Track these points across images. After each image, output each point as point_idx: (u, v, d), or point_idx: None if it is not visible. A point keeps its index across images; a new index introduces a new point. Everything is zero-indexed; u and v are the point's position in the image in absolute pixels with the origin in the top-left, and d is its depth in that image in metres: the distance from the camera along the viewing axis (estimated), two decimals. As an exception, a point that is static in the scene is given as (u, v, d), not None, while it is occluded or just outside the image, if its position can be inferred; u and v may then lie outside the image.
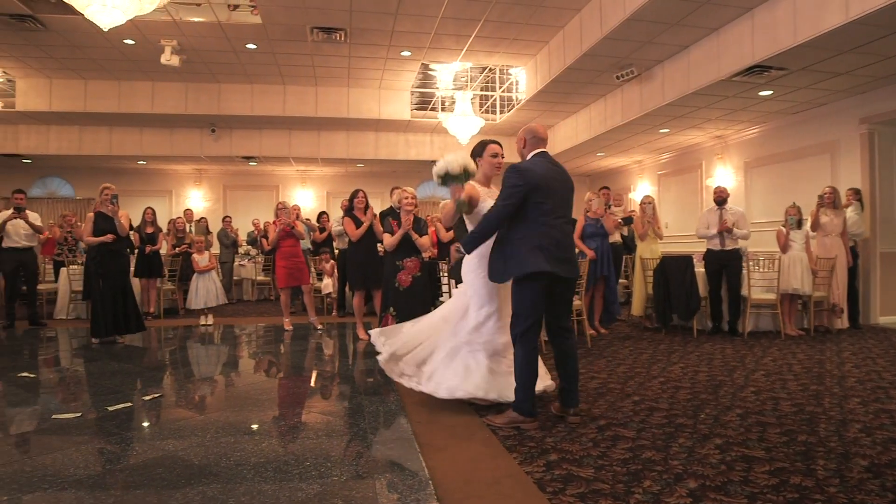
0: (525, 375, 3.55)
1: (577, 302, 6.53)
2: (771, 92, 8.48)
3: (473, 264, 3.94)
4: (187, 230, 10.18)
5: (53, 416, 3.87)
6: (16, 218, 7.89)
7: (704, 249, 7.61)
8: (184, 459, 3.04)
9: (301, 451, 3.16)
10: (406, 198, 5.67)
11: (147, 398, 4.35)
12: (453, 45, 10.01)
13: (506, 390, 3.82)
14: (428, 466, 2.90)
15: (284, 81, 11.97)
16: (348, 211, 6.94)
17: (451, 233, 6.25)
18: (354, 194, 6.93)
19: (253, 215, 14.14)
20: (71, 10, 7.03)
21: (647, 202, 7.87)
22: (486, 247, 3.77)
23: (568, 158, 14.36)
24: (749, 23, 7.31)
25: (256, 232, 12.68)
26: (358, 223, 6.71)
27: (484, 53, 10.44)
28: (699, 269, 7.35)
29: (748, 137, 11.14)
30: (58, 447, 3.30)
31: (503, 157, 4.18)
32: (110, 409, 4.03)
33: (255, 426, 3.69)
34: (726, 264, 7.17)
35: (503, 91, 12.77)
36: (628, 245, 9.37)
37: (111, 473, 2.89)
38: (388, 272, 5.75)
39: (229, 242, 11.50)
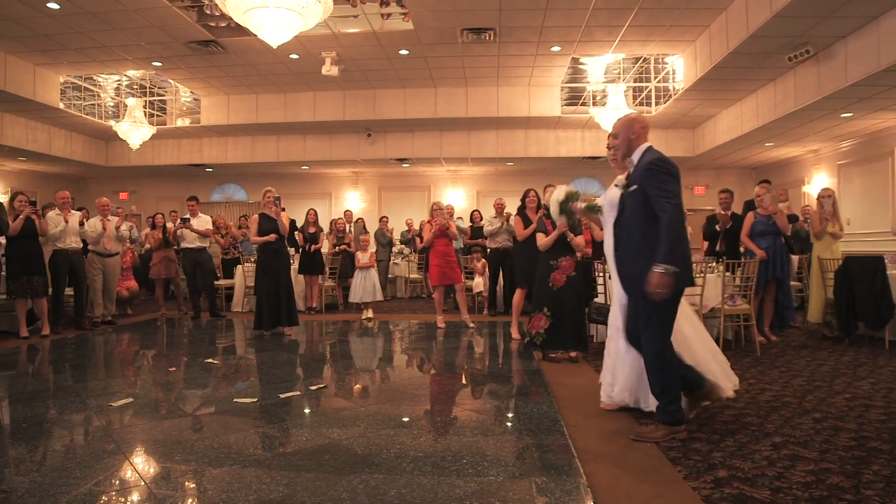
0: (675, 383, 3.33)
1: (744, 306, 6.04)
2: None
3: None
4: (347, 230, 10.79)
5: (235, 400, 4.26)
6: (183, 228, 8.94)
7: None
8: (347, 448, 3.19)
9: (457, 448, 3.20)
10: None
11: (313, 388, 4.65)
12: (605, 37, 9.70)
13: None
14: (586, 473, 2.81)
15: (435, 84, 12.30)
16: (520, 210, 6.97)
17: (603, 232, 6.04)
18: (526, 194, 6.93)
19: (406, 215, 14.67)
20: (246, 32, 7.73)
21: (825, 196, 7.06)
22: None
23: (732, 150, 13.40)
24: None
25: (410, 232, 13.13)
26: (528, 222, 6.71)
27: (638, 43, 10.01)
28: (892, 271, 6.47)
29: (954, 119, 9.69)
30: (239, 428, 3.62)
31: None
32: (282, 396, 4.36)
33: (411, 420, 3.80)
34: (928, 265, 6.26)
35: (658, 81, 12.15)
36: (790, 245, 8.51)
37: (284, 456, 3.11)
38: (541, 272, 5.67)
39: (385, 241, 12.02)
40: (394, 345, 7.11)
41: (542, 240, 5.72)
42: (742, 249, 7.10)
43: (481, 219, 10.45)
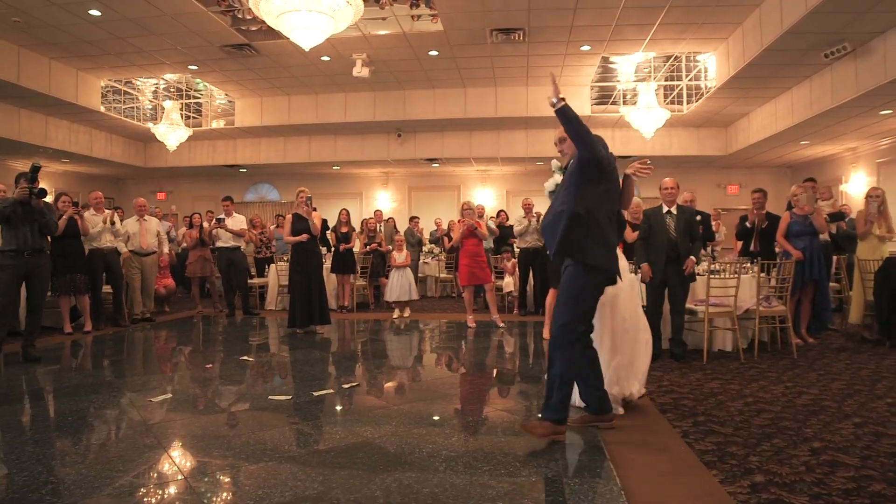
0: (574, 375, 3.37)
1: (780, 307, 5.94)
2: None
3: None
4: (378, 230, 10.87)
5: (269, 397, 4.34)
6: (217, 228, 9.13)
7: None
8: (380, 447, 3.23)
9: (489, 448, 3.21)
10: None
11: (346, 386, 4.71)
12: (636, 36, 9.60)
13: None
14: (619, 475, 2.80)
15: (465, 84, 12.32)
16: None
17: (636, 233, 6.00)
18: None
19: (435, 215, 14.71)
20: (278, 35, 7.84)
21: (872, 195, 6.80)
22: None
23: (766, 149, 13.15)
24: None
25: (438, 231, 13.17)
26: None
27: (669, 41, 9.89)
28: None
29: None
30: (274, 425, 3.70)
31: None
32: (315, 394, 4.43)
33: (443, 419, 3.84)
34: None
35: (690, 80, 11.98)
36: (838, 244, 8.30)
37: (319, 454, 3.16)
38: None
39: (415, 241, 12.09)
40: (424, 344, 7.16)
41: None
42: (777, 250, 6.96)
43: (507, 218, 10.45)
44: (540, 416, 3.40)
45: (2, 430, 3.62)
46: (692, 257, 5.54)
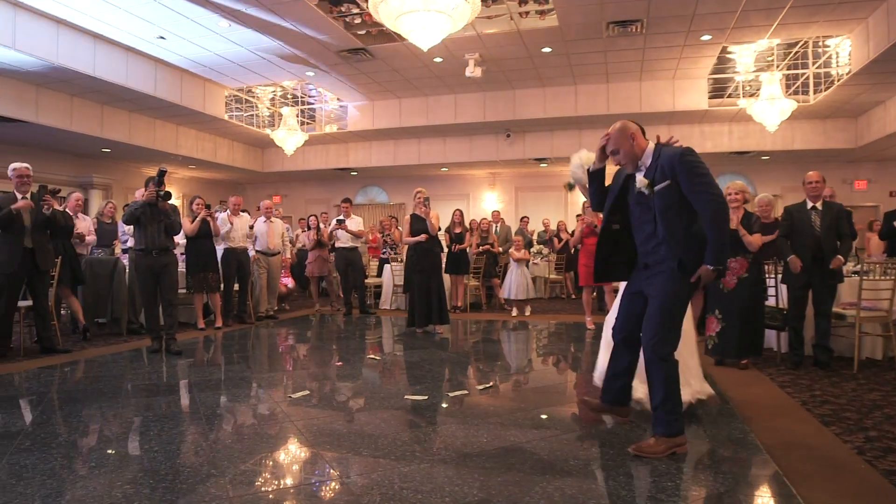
0: (677, 390, 3.15)
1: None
2: None
3: None
4: (492, 231, 10.83)
5: (405, 397, 4.36)
6: (338, 228, 9.37)
7: None
8: (532, 452, 3.15)
9: (647, 458, 3.03)
10: (730, 193, 5.20)
11: (480, 387, 4.66)
12: (762, 21, 9.03)
13: None
14: (799, 494, 2.57)
15: (576, 81, 12.09)
16: None
17: (771, 235, 5.63)
18: None
19: (542, 215, 14.46)
20: (393, 38, 7.95)
21: None
22: None
23: (906, 140, 11.98)
24: None
25: (547, 232, 12.97)
26: None
27: (798, 26, 9.22)
28: None
29: None
30: (416, 425, 3.71)
31: None
32: (451, 394, 4.42)
33: (590, 426, 3.69)
34: None
35: (818, 67, 11.10)
36: None
37: (470, 457, 3.09)
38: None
39: (525, 241, 11.95)
40: (546, 345, 7.05)
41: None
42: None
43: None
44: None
45: (159, 421, 3.79)
46: (839, 256, 5.12)
